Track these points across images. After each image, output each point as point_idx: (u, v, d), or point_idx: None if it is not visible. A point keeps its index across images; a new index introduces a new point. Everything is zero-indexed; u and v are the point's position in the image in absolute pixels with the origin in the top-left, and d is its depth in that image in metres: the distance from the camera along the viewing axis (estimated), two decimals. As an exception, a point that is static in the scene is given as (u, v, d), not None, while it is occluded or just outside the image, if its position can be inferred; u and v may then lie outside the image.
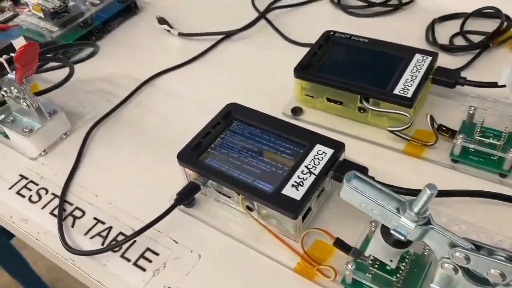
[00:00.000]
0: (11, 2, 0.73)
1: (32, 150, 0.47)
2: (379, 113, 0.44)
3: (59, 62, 0.52)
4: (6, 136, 0.50)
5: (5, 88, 0.45)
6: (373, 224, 0.34)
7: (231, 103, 0.44)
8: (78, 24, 0.61)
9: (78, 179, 0.45)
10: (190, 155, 0.39)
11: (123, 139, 0.49)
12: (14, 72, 0.41)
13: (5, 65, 0.40)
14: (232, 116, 0.42)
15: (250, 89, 0.53)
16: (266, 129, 0.41)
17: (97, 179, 0.45)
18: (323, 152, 0.37)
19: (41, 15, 0.60)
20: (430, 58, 0.45)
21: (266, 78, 0.54)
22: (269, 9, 0.65)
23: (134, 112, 0.52)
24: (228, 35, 0.61)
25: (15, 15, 0.71)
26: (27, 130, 0.46)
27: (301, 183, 0.35)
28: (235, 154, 0.39)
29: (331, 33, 0.50)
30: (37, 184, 0.45)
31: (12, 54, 0.40)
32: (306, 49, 0.58)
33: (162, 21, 0.64)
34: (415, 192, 0.36)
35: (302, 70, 0.46)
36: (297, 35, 0.60)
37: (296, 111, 0.48)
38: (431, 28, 0.56)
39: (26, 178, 0.46)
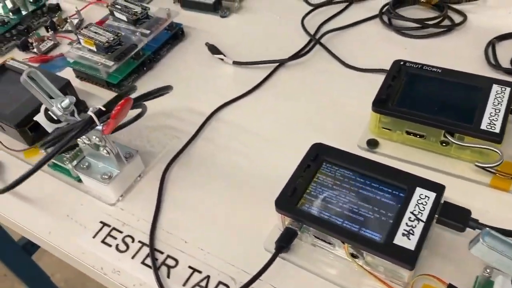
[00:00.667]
0: (52, 31, 0.72)
1: (111, 195, 0.47)
2: (463, 146, 0.44)
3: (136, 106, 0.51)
4: (79, 180, 0.49)
5: (85, 137, 0.44)
6: (487, 270, 0.34)
7: (316, 144, 0.43)
8: (131, 56, 0.60)
9: (162, 224, 0.45)
10: (288, 203, 0.39)
11: (201, 178, 0.49)
12: (102, 124, 0.40)
13: (95, 118, 0.39)
14: (320, 158, 0.42)
15: (317, 120, 0.53)
16: (359, 171, 0.41)
17: (182, 223, 0.45)
18: (426, 196, 0.38)
19: (93, 48, 0.59)
20: (509, 90, 0.45)
21: (331, 107, 0.54)
22: (319, 31, 0.65)
23: (206, 149, 0.52)
24: (283, 62, 0.61)
25: (56, 44, 0.71)
26: (106, 177, 0.46)
27: (411, 231, 0.35)
28: (333, 200, 0.39)
29: (402, 62, 0.50)
30: (120, 232, 0.45)
31: (101, 107, 0.40)
32: (366, 75, 0.58)
33: (212, 48, 0.64)
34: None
35: (380, 104, 0.46)
36: (353, 59, 0.59)
37: (372, 144, 0.48)
38: (491, 50, 0.57)
39: (108, 225, 0.46)
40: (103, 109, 0.40)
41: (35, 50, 0.69)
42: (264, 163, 0.49)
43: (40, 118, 0.45)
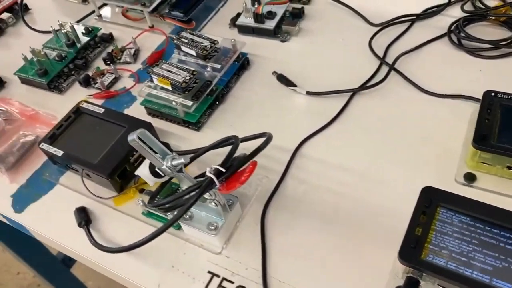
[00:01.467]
0: (109, 63, 0.71)
1: (216, 244, 0.47)
2: None
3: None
4: (177, 228, 0.50)
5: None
6: None
7: (427, 188, 0.43)
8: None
9: (272, 272, 0.46)
10: (411, 254, 0.39)
11: (300, 220, 0.49)
12: (220, 184, 0.40)
13: (215, 180, 0.39)
14: (434, 203, 0.42)
15: (405, 152, 0.53)
16: (478, 216, 0.41)
17: (292, 271, 0.45)
18: (553, 242, 0.38)
19: (169, 87, 0.59)
20: None
21: (417, 138, 0.54)
22: (387, 53, 0.64)
23: (298, 188, 0.52)
24: (358, 91, 0.60)
25: (117, 78, 0.70)
26: (213, 227, 0.46)
27: (547, 282, 0.36)
28: (456, 249, 0.39)
29: (492, 93, 0.50)
30: (231, 282, 0.46)
31: (219, 168, 0.40)
32: (445, 101, 0.58)
33: (281, 78, 0.63)
34: None
35: (482, 141, 0.46)
36: (428, 84, 0.59)
37: (469, 178, 0.49)
38: None
39: (218, 276, 0.46)
40: (223, 170, 0.40)
41: (97, 85, 0.69)
42: (364, 203, 0.49)
43: (142, 172, 0.45)
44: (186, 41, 0.63)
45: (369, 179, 0.51)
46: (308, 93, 0.61)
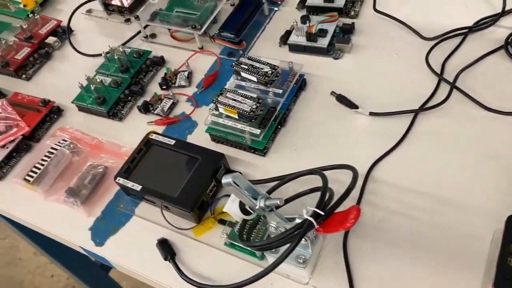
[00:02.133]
0: (165, 87, 0.72)
1: (304, 275, 0.49)
2: None
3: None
4: (260, 258, 0.51)
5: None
6: None
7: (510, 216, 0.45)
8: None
9: (361, 302, 0.48)
10: (508, 286, 0.41)
11: (383, 248, 0.50)
12: (319, 225, 0.42)
13: (314, 223, 0.40)
14: (521, 233, 0.44)
15: (484, 175, 0.54)
16: None
17: (381, 300, 0.47)
18: None
19: (235, 116, 0.60)
20: None
21: (492, 160, 0.55)
22: (445, 69, 0.65)
23: (375, 215, 0.53)
24: (421, 111, 0.61)
25: (175, 103, 0.71)
26: (301, 260, 0.48)
27: None
28: (550, 278, 0.41)
29: None
30: (323, 312, 0.48)
31: (317, 211, 0.41)
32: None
33: (341, 98, 0.64)
34: None
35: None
36: (490, 101, 0.60)
37: (546, 200, 0.50)
38: None
39: (309, 306, 0.48)
40: (321, 213, 0.41)
41: (157, 111, 0.70)
42: (443, 227, 0.50)
43: (231, 209, 0.47)
44: (246, 67, 0.64)
45: (444, 202, 0.53)
46: (372, 113, 0.62)
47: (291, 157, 0.61)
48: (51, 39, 0.85)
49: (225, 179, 0.43)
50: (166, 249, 0.54)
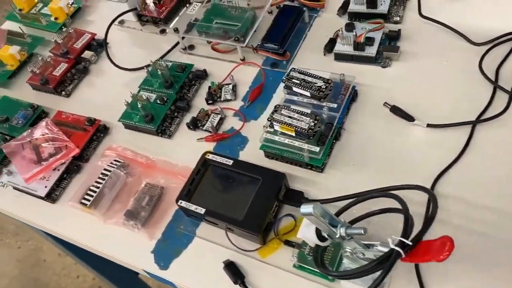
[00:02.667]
0: (211, 102, 0.72)
1: (379, 297, 0.49)
2: None
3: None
4: (331, 280, 0.52)
5: (361, 253, 0.46)
6: None
7: None
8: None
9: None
10: None
11: (456, 266, 0.50)
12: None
13: (401, 252, 0.40)
14: None
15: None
16: None
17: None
18: None
19: (292, 133, 0.60)
20: None
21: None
22: (499, 76, 0.64)
23: (446, 233, 0.53)
24: (480, 121, 0.60)
25: (223, 118, 0.71)
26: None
27: None
28: None
29: None
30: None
31: (405, 241, 0.41)
32: None
33: (395, 110, 0.64)
34: None
35: None
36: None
37: None
38: None
39: (386, 327, 0.48)
40: (409, 243, 0.41)
41: (206, 127, 0.69)
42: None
43: (305, 235, 0.47)
44: (297, 81, 0.63)
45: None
46: (429, 125, 0.61)
47: (350, 173, 0.60)
48: (87, 54, 0.84)
49: (306, 209, 0.43)
50: (235, 272, 0.54)
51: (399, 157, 0.60)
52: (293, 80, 0.64)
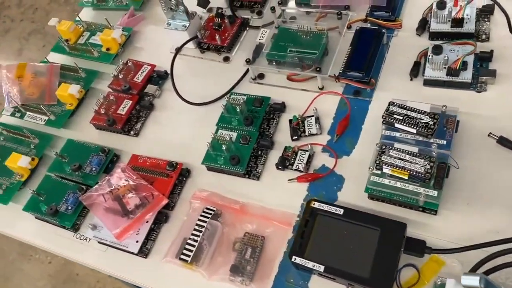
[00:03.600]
0: (296, 137, 0.68)
1: None
2: None
3: None
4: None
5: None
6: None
7: None
8: (443, 175, 0.58)
9: None
10: None
11: None
12: None
13: None
14: None
15: None
16: None
17: None
18: None
19: (404, 177, 0.57)
20: None
21: None
22: None
23: None
24: None
25: (312, 155, 0.67)
26: None
27: None
28: None
29: None
30: None
31: None
32: None
33: (504, 141, 0.60)
34: None
35: None
36: None
37: None
38: None
39: None
40: None
41: (295, 166, 0.66)
42: None
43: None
44: (400, 117, 0.60)
45: None
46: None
47: (465, 213, 0.57)
48: (151, 88, 0.80)
49: (470, 281, 0.40)
50: (365, 332, 0.52)
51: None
52: (395, 116, 0.60)
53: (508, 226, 0.55)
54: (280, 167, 0.67)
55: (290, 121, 0.71)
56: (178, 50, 0.82)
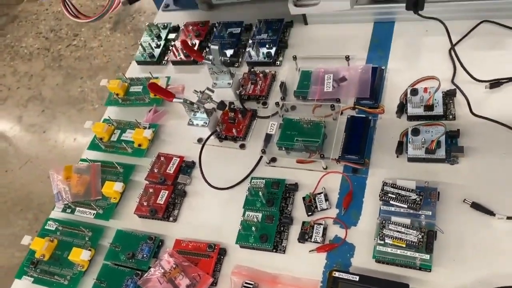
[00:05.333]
0: (311, 213, 0.84)
1: None
2: None
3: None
4: None
5: None
6: None
7: None
8: (430, 240, 0.74)
9: None
10: None
11: None
12: None
13: None
14: None
15: None
16: None
17: None
18: None
19: (402, 245, 0.72)
20: None
21: None
22: (552, 165, 0.78)
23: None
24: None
25: (325, 228, 0.83)
26: None
27: None
28: None
29: None
30: None
31: None
32: None
33: (476, 206, 0.76)
34: None
35: None
36: None
37: None
38: None
39: None
40: None
41: (313, 239, 0.81)
42: None
43: None
44: (393, 196, 0.76)
45: None
46: (509, 218, 0.75)
47: (455, 269, 0.72)
48: (183, 178, 0.95)
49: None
50: None
51: (491, 250, 0.73)
52: (389, 195, 0.77)
53: (490, 276, 0.71)
54: (301, 241, 0.82)
55: (304, 198, 0.87)
56: (203, 145, 0.97)
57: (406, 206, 0.76)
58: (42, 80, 3.00)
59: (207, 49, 1.16)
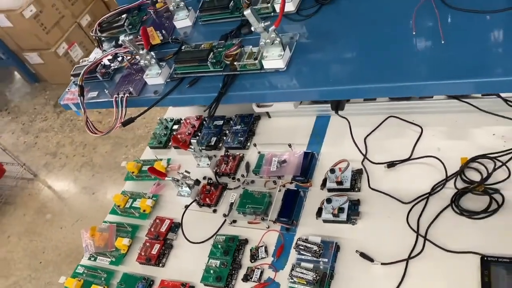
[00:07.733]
0: (254, 261, 1.18)
1: None
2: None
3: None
4: None
5: None
6: None
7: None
8: None
9: None
10: None
11: None
12: None
13: None
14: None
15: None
16: None
17: None
18: None
19: (304, 283, 1.04)
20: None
21: None
22: (420, 225, 1.08)
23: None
24: (408, 259, 1.04)
25: (262, 271, 1.16)
26: None
27: None
28: None
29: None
30: None
31: None
32: (458, 255, 1.00)
33: (363, 255, 1.07)
34: None
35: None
36: (446, 242, 1.02)
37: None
38: (527, 223, 0.99)
39: None
40: None
41: (253, 279, 1.14)
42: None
43: None
44: (302, 247, 1.09)
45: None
46: (383, 264, 1.04)
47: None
48: (171, 235, 1.33)
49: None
50: None
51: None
52: (300, 247, 1.10)
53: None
54: (244, 280, 1.15)
55: (250, 249, 1.20)
56: (184, 211, 1.35)
57: (310, 255, 1.08)
58: (93, 148, 3.54)
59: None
